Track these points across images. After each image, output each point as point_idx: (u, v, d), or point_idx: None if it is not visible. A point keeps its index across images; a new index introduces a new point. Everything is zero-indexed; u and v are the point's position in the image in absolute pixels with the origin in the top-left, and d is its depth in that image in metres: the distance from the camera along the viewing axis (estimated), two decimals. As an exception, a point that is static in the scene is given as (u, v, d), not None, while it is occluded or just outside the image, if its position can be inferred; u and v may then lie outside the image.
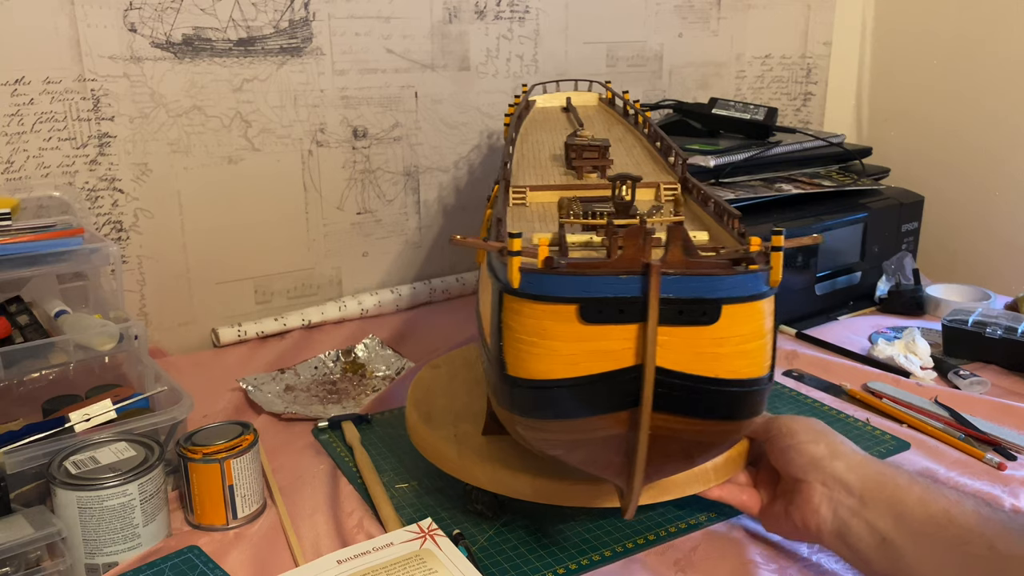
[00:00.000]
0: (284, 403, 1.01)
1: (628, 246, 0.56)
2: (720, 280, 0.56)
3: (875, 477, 0.65)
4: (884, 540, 0.63)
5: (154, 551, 0.73)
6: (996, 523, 0.59)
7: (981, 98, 1.50)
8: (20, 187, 1.04)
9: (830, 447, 0.68)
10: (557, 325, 0.57)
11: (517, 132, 1.08)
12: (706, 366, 0.57)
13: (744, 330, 0.58)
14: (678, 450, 0.61)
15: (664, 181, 0.85)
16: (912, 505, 0.63)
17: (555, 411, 0.60)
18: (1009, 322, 1.08)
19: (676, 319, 0.56)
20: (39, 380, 0.87)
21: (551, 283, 0.57)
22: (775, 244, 0.57)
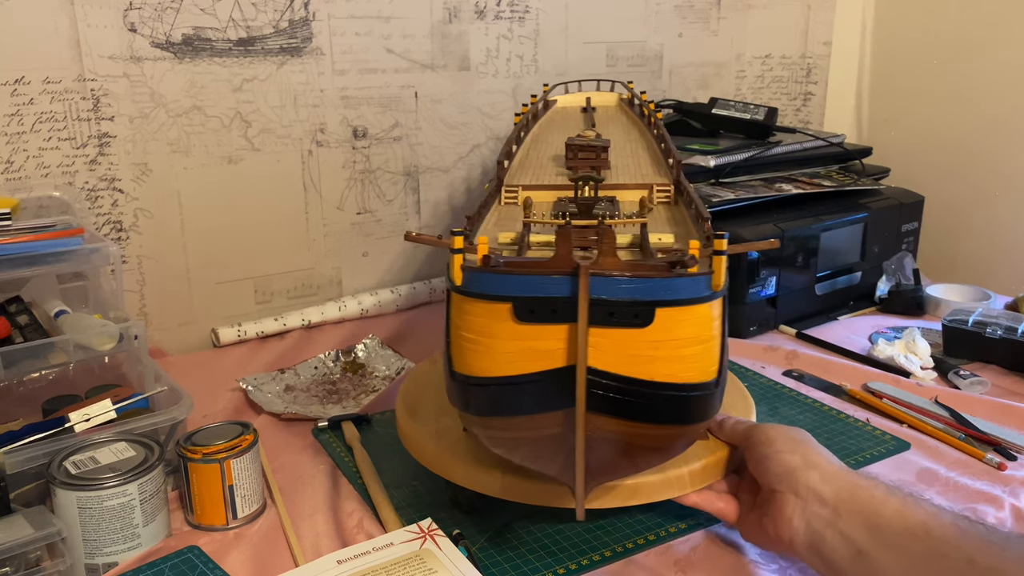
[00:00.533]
0: (284, 403, 1.01)
1: (559, 247, 0.56)
2: (653, 282, 0.56)
3: (850, 488, 0.64)
4: (859, 552, 0.62)
5: (154, 551, 0.73)
6: (975, 536, 0.58)
7: (981, 98, 1.50)
8: (20, 187, 1.04)
9: (805, 457, 0.67)
10: (494, 323, 0.58)
11: (527, 131, 1.08)
12: (641, 369, 0.57)
13: (682, 334, 0.57)
14: (620, 453, 0.61)
15: (659, 183, 0.85)
16: (889, 517, 0.61)
17: (495, 408, 0.60)
18: (1009, 322, 1.08)
19: (608, 320, 0.55)
20: (39, 380, 0.87)
21: (489, 281, 0.57)
22: (717, 248, 0.56)
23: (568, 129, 1.09)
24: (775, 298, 1.21)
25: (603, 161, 0.90)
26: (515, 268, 0.57)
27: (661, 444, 0.61)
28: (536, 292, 0.56)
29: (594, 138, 0.94)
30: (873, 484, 0.65)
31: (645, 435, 0.60)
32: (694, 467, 0.72)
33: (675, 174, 0.87)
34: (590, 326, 0.55)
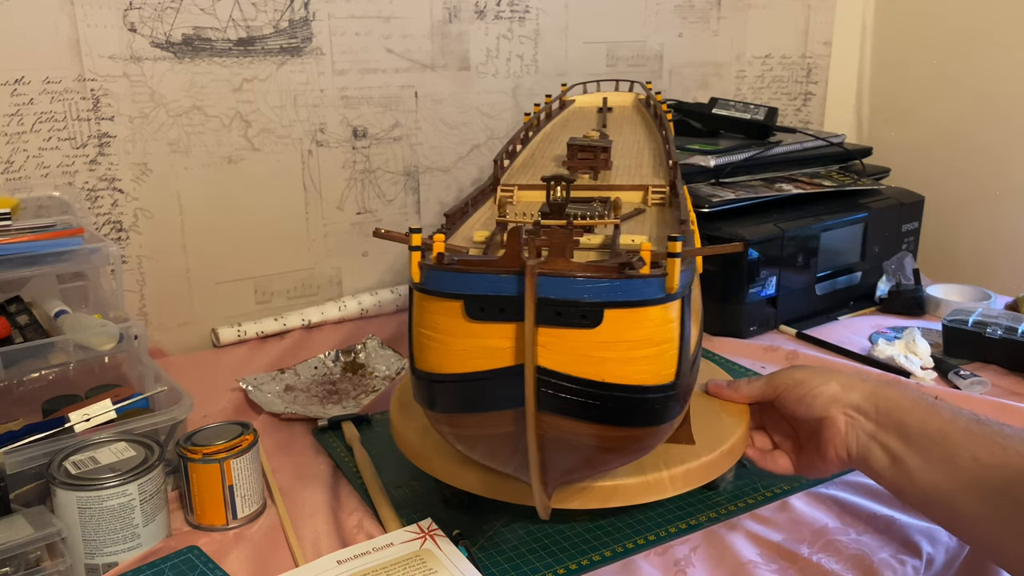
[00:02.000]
0: (284, 403, 1.01)
1: (509, 245, 0.56)
2: (601, 283, 0.56)
3: (885, 403, 0.72)
4: (895, 458, 0.70)
5: (154, 551, 0.73)
6: (981, 437, 0.66)
7: (981, 98, 1.50)
8: (20, 187, 1.04)
9: (842, 383, 0.75)
10: (448, 320, 0.58)
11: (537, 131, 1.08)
12: (592, 370, 0.57)
13: (633, 336, 0.57)
14: (575, 453, 0.61)
15: (654, 184, 0.85)
16: (914, 425, 0.70)
17: (451, 405, 0.61)
18: (1009, 322, 1.08)
19: (556, 320, 0.56)
20: (39, 380, 0.87)
21: (443, 279, 0.58)
22: (671, 250, 0.56)
23: (580, 129, 1.09)
24: (775, 298, 1.21)
25: (600, 161, 0.90)
26: (466, 266, 0.57)
27: (617, 446, 0.61)
28: (485, 290, 0.57)
29: (597, 138, 0.94)
30: (901, 395, 0.73)
31: (599, 436, 0.60)
32: (675, 471, 0.73)
33: (671, 175, 0.87)
34: (539, 326, 0.55)
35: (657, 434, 0.63)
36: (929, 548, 0.74)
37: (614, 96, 1.25)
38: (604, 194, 0.84)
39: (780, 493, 0.82)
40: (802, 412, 0.76)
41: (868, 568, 0.71)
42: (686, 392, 0.64)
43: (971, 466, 0.65)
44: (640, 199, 0.85)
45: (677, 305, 0.59)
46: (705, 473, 0.75)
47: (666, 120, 1.05)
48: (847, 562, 0.72)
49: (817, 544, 0.74)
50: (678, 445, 0.76)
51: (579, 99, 1.26)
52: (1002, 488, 0.63)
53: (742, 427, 0.79)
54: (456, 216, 0.77)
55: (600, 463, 0.64)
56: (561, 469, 0.62)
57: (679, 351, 0.60)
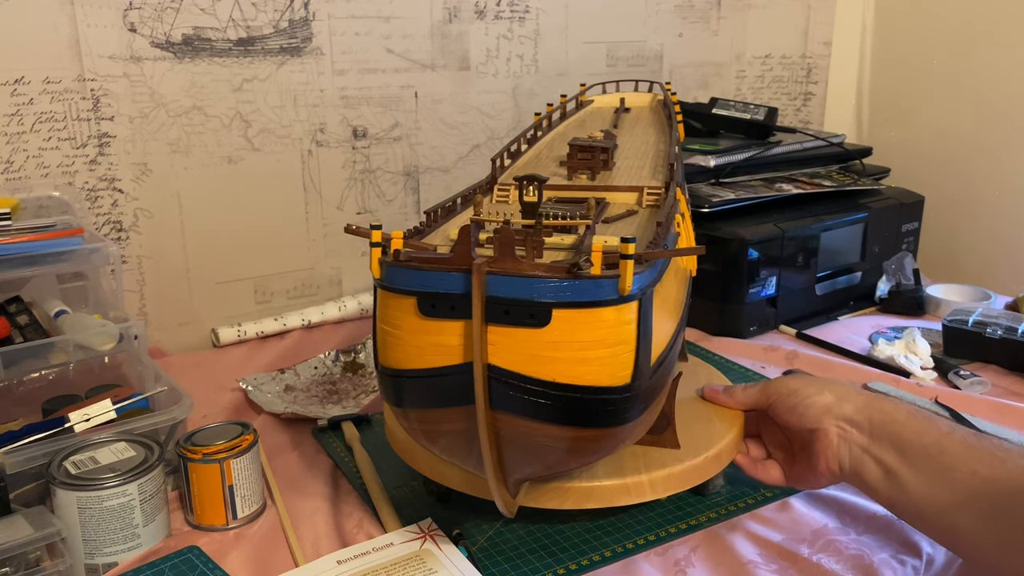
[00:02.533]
0: (284, 403, 1.01)
1: (459, 244, 0.57)
2: (548, 283, 0.56)
3: (879, 415, 0.71)
4: (889, 472, 0.69)
5: (154, 551, 0.73)
6: (980, 450, 0.65)
7: (981, 98, 1.50)
8: (20, 187, 1.04)
9: (835, 394, 0.74)
10: (404, 316, 0.59)
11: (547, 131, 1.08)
12: (541, 369, 0.57)
13: (583, 337, 0.57)
14: (531, 452, 0.61)
15: (650, 186, 0.85)
16: (910, 439, 0.68)
17: (409, 400, 0.62)
18: (1009, 322, 1.08)
19: (504, 319, 0.56)
20: (39, 380, 0.87)
21: (399, 275, 0.59)
22: (623, 252, 0.56)
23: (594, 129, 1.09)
24: (775, 298, 1.21)
25: (599, 162, 0.90)
26: (418, 263, 0.58)
27: (572, 447, 0.61)
28: (436, 287, 0.58)
29: (601, 139, 0.94)
30: (896, 408, 0.71)
31: (553, 436, 0.60)
32: (655, 475, 0.73)
33: (667, 177, 0.87)
34: (488, 324, 0.56)
35: (615, 436, 0.62)
36: (929, 548, 0.74)
37: (633, 96, 1.25)
38: (599, 195, 0.84)
39: (780, 493, 0.81)
40: (794, 422, 0.75)
41: (868, 568, 0.71)
42: (649, 394, 0.64)
43: (970, 480, 0.64)
44: (635, 200, 0.85)
45: (633, 307, 0.59)
46: (688, 478, 0.75)
47: (675, 121, 1.05)
48: (847, 562, 0.72)
49: (817, 544, 0.74)
50: (662, 449, 0.76)
51: (598, 99, 1.25)
52: (1002, 503, 0.62)
53: (731, 433, 0.78)
54: (441, 213, 0.77)
55: (557, 463, 0.64)
56: (519, 467, 0.63)
57: (636, 353, 0.60)
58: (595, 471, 0.73)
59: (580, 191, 0.86)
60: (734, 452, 0.79)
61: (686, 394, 0.86)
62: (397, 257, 0.60)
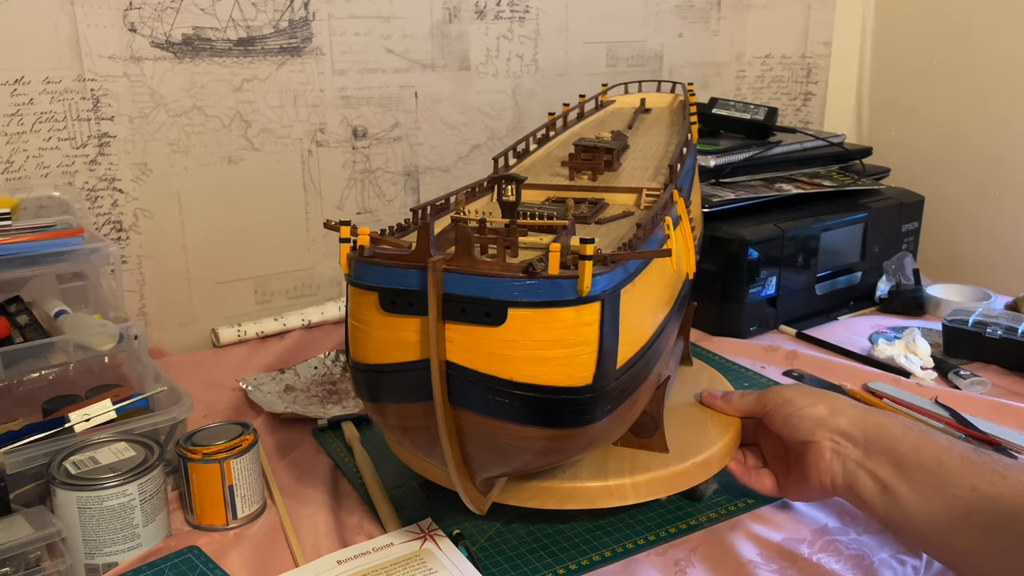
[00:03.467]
0: (284, 403, 1.01)
1: (418, 241, 0.58)
2: (503, 282, 0.56)
3: (875, 429, 0.70)
4: (885, 487, 0.68)
5: (154, 551, 0.73)
6: (980, 466, 0.64)
7: (981, 98, 1.50)
8: (20, 187, 1.04)
9: (829, 406, 0.72)
10: (369, 312, 0.60)
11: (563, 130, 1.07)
12: (499, 368, 0.58)
13: (540, 337, 0.58)
14: (492, 450, 0.62)
15: (648, 188, 0.85)
16: (906, 453, 0.67)
17: (374, 395, 0.63)
18: (1009, 322, 1.08)
19: (461, 316, 0.57)
20: (39, 380, 0.87)
21: (364, 271, 0.60)
22: (582, 253, 0.56)
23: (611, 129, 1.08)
24: (775, 298, 1.21)
25: (601, 163, 0.90)
26: (381, 260, 0.59)
27: (533, 446, 0.62)
28: (396, 284, 0.59)
29: (609, 140, 0.94)
30: (892, 422, 0.70)
31: (513, 435, 0.60)
32: (639, 478, 0.73)
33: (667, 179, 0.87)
34: (446, 321, 0.57)
35: (580, 436, 0.62)
36: (929, 548, 0.74)
37: (654, 97, 1.24)
38: (598, 196, 0.84)
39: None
40: (788, 433, 0.74)
41: (868, 568, 0.71)
42: (617, 396, 0.63)
43: (970, 496, 0.63)
44: (633, 202, 0.85)
45: (595, 308, 0.59)
46: (673, 483, 0.74)
47: (688, 123, 1.04)
48: (847, 562, 0.72)
49: (817, 544, 0.74)
50: (649, 452, 0.76)
51: (620, 99, 1.24)
52: (1004, 520, 0.61)
53: (723, 440, 0.78)
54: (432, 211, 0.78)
55: (521, 462, 0.64)
56: (484, 465, 0.63)
57: (599, 354, 0.60)
58: (578, 472, 0.73)
59: (579, 191, 0.86)
60: (725, 459, 0.78)
61: (684, 398, 0.85)
62: (362, 253, 0.61)
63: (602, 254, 0.59)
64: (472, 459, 0.63)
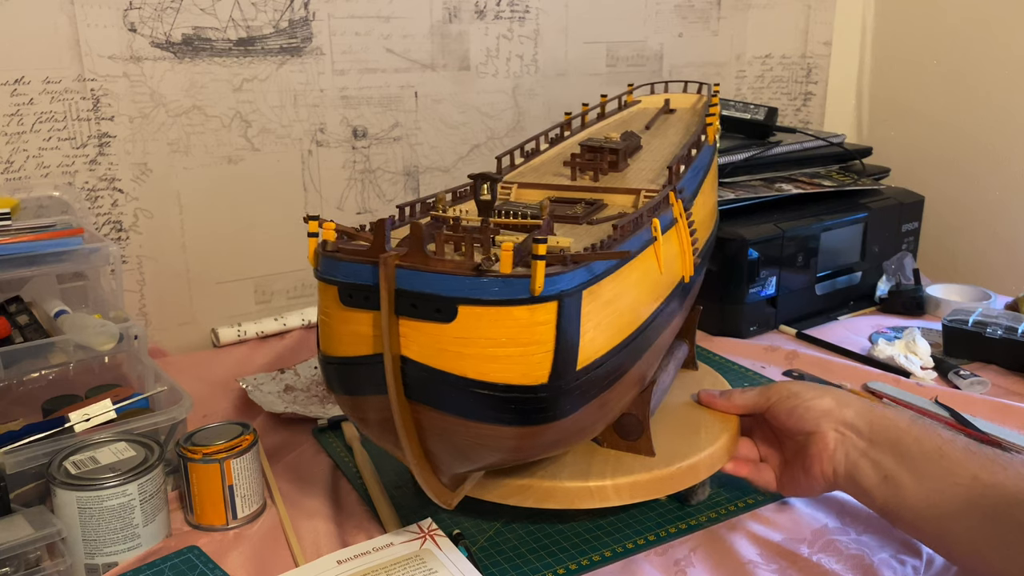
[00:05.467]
0: (284, 403, 1.01)
1: (374, 236, 0.59)
2: (453, 279, 0.57)
3: (880, 421, 0.71)
4: (887, 476, 0.69)
5: (154, 551, 0.73)
6: (981, 457, 0.65)
7: (981, 98, 1.50)
8: (20, 187, 1.04)
9: (836, 399, 0.74)
10: (331, 305, 0.62)
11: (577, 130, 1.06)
12: (451, 364, 0.58)
13: (492, 334, 0.58)
14: (451, 445, 0.63)
15: (647, 190, 0.84)
16: (910, 444, 0.68)
17: (338, 386, 0.65)
18: (1009, 322, 1.08)
19: (412, 312, 0.58)
20: (39, 380, 0.86)
21: (327, 265, 0.62)
22: (535, 252, 0.56)
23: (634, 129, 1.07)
24: (775, 298, 1.21)
25: (605, 163, 0.90)
26: (340, 255, 0.61)
27: (490, 444, 0.62)
28: (353, 278, 0.60)
29: (618, 140, 0.93)
30: (897, 415, 0.72)
31: (469, 431, 0.61)
32: (621, 481, 0.73)
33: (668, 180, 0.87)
34: (400, 316, 0.58)
35: (538, 435, 0.62)
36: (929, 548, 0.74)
37: (681, 98, 1.22)
38: (597, 196, 0.84)
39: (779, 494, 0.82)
40: (792, 424, 0.75)
41: (868, 568, 0.71)
42: (578, 395, 0.63)
43: (971, 485, 0.64)
44: (631, 203, 0.84)
45: (550, 308, 0.59)
46: (657, 487, 0.74)
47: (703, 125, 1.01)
48: (847, 562, 0.72)
49: (817, 544, 0.74)
50: (634, 455, 0.76)
51: (646, 100, 1.24)
52: (1003, 508, 0.62)
53: (715, 446, 0.77)
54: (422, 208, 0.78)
55: (482, 459, 0.65)
56: (447, 460, 0.64)
57: (556, 354, 0.60)
58: (559, 471, 0.73)
59: (579, 192, 0.86)
60: (715, 465, 0.78)
61: (682, 401, 0.85)
62: (325, 248, 0.62)
63: (559, 255, 0.60)
64: (433, 454, 0.63)
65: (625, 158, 0.93)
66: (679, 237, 0.79)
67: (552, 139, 1.04)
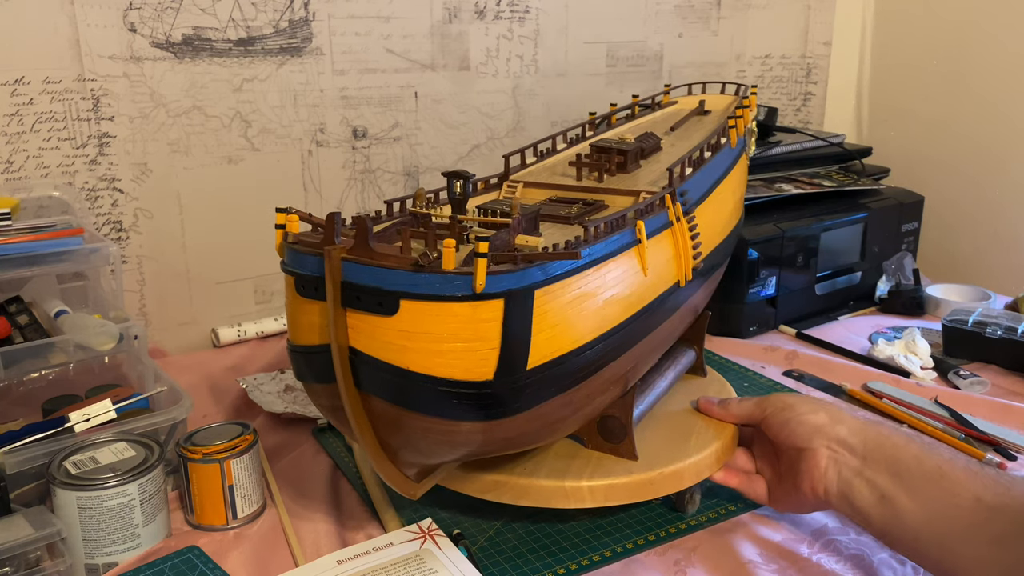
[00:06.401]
0: (284, 403, 1.01)
1: (325, 230, 0.60)
2: (394, 274, 0.58)
3: (875, 438, 0.68)
4: (883, 496, 0.66)
5: (154, 551, 0.73)
6: (983, 477, 0.63)
7: (981, 98, 1.50)
8: (20, 187, 1.04)
9: (830, 414, 0.71)
10: (290, 295, 0.64)
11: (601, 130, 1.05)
12: (396, 357, 0.60)
13: (434, 329, 0.59)
14: (403, 437, 0.64)
15: (647, 191, 0.84)
16: (908, 463, 0.66)
17: (300, 374, 0.67)
18: (1009, 322, 1.08)
19: (357, 304, 0.59)
20: (39, 380, 0.86)
21: (288, 256, 0.64)
22: (478, 251, 0.57)
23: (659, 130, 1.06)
24: (775, 298, 1.21)
25: (613, 164, 0.89)
26: (297, 247, 0.63)
27: (438, 438, 0.63)
28: (306, 269, 0.62)
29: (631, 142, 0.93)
30: (893, 433, 0.69)
31: (418, 424, 0.62)
32: (596, 483, 0.72)
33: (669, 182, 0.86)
34: (347, 308, 0.59)
35: (487, 431, 0.63)
36: (929, 548, 0.74)
37: (717, 99, 1.20)
38: (598, 197, 0.84)
39: (780, 493, 0.81)
40: (784, 438, 0.73)
41: (868, 568, 0.71)
42: (529, 394, 0.63)
43: (973, 507, 0.61)
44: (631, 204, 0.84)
45: (495, 305, 0.59)
46: (635, 491, 0.74)
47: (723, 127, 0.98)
48: (847, 562, 0.72)
49: (817, 544, 0.74)
50: (615, 458, 0.76)
51: (682, 100, 1.23)
52: (1012, 531, 0.59)
53: (703, 454, 0.76)
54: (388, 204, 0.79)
55: (434, 452, 0.65)
56: (403, 452, 0.65)
57: (502, 351, 0.60)
58: (537, 469, 0.74)
59: (580, 192, 0.86)
60: (702, 473, 0.76)
61: (681, 407, 0.84)
62: (286, 239, 0.65)
63: (508, 253, 0.60)
64: (389, 445, 0.64)
65: (636, 159, 0.92)
66: (675, 240, 0.77)
67: (572, 139, 1.03)
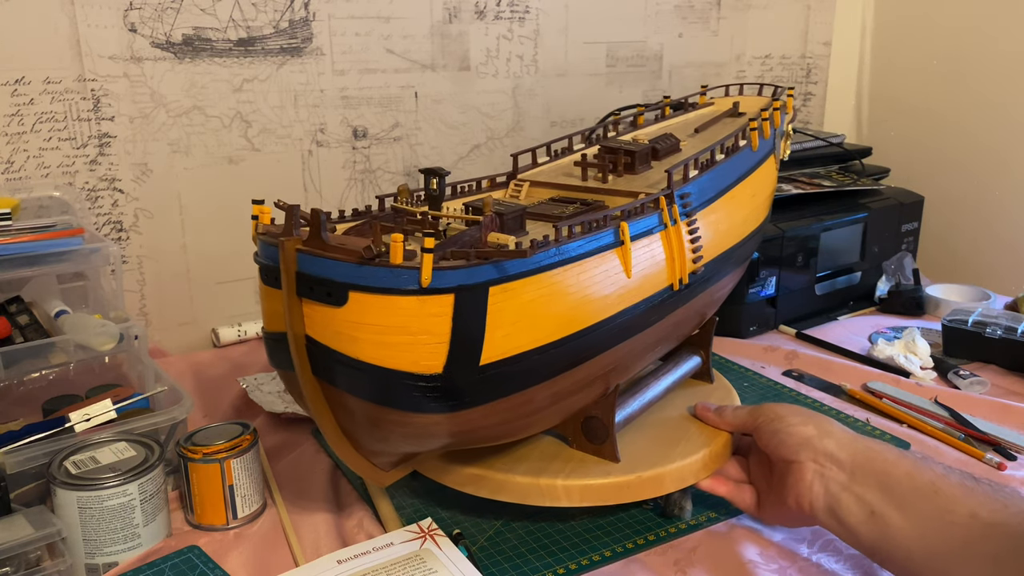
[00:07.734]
0: (284, 403, 1.01)
1: (285, 222, 0.62)
2: (343, 266, 0.59)
3: (864, 452, 0.67)
4: (872, 513, 0.64)
5: (154, 551, 0.73)
6: (979, 493, 0.61)
7: (981, 98, 1.50)
8: (20, 187, 1.04)
9: (819, 427, 0.70)
10: (260, 283, 0.66)
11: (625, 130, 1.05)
12: (347, 347, 0.61)
13: (381, 321, 0.60)
14: (359, 426, 0.65)
15: (646, 192, 0.84)
16: (900, 478, 0.64)
17: (270, 360, 0.69)
18: (1009, 322, 1.08)
19: (309, 294, 0.61)
20: (39, 380, 0.87)
21: (259, 247, 0.66)
22: (424, 246, 0.58)
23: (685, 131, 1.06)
24: (775, 298, 1.21)
25: (620, 164, 0.89)
26: (264, 237, 0.64)
27: (390, 428, 0.64)
28: (268, 259, 0.64)
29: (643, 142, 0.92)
30: (885, 448, 0.68)
31: (373, 414, 0.63)
32: (572, 483, 0.73)
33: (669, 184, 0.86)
34: (303, 298, 0.61)
35: (440, 423, 0.64)
36: (929, 548, 0.74)
37: (751, 100, 1.17)
38: (598, 197, 0.84)
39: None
40: (773, 449, 0.71)
41: (868, 568, 0.71)
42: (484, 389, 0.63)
43: (969, 523, 0.59)
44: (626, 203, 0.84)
45: (445, 300, 0.60)
46: (612, 493, 0.73)
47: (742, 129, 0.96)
48: (847, 562, 0.72)
49: (817, 544, 0.74)
50: (596, 459, 0.76)
51: (719, 101, 1.22)
52: (1008, 551, 0.57)
53: (688, 459, 0.75)
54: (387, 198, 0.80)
55: (390, 441, 0.66)
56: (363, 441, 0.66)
57: (451, 346, 0.60)
58: (515, 465, 0.74)
59: (582, 192, 0.86)
60: (686, 479, 0.76)
61: (679, 412, 0.84)
62: (256, 230, 0.67)
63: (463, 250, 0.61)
64: (350, 432, 0.66)
65: (647, 161, 0.91)
66: (669, 243, 0.76)
67: (592, 139, 1.03)
